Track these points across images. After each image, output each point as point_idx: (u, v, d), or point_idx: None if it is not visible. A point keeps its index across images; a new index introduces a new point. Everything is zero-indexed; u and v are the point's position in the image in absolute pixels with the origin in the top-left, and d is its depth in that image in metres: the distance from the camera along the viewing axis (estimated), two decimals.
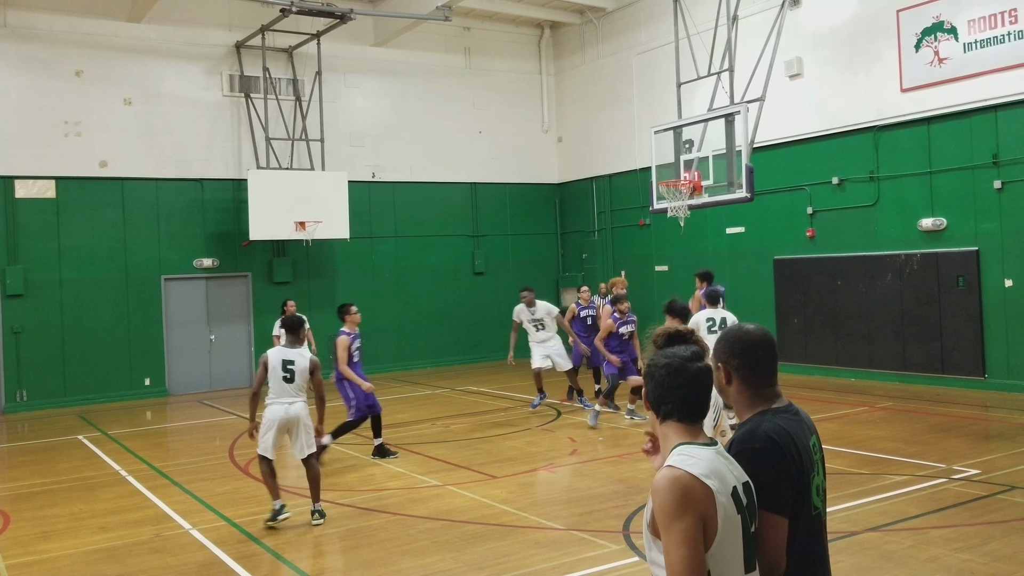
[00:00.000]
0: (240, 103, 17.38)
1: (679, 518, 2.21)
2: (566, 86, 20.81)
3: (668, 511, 2.23)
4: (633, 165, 18.39)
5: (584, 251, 20.41)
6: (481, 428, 11.93)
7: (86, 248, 15.95)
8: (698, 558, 2.20)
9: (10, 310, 15.21)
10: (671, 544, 2.22)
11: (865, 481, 8.12)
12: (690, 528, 2.21)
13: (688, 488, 2.24)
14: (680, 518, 2.21)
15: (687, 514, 2.21)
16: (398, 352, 18.73)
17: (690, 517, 2.21)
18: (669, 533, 2.22)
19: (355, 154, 18.45)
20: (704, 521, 2.23)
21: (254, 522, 7.61)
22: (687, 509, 2.22)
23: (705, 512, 2.23)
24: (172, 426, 13.88)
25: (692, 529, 2.21)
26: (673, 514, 2.22)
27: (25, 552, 7.07)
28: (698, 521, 2.22)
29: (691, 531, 2.21)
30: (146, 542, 7.19)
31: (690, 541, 2.20)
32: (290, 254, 17.77)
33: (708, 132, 12.74)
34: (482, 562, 6.38)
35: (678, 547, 2.20)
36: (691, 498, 2.23)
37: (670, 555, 2.22)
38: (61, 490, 9.25)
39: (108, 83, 16.20)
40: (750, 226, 16.23)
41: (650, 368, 2.49)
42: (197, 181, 16.98)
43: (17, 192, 15.49)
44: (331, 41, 17.68)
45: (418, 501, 8.11)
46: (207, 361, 17.03)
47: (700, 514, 2.23)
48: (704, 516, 2.23)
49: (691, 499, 2.23)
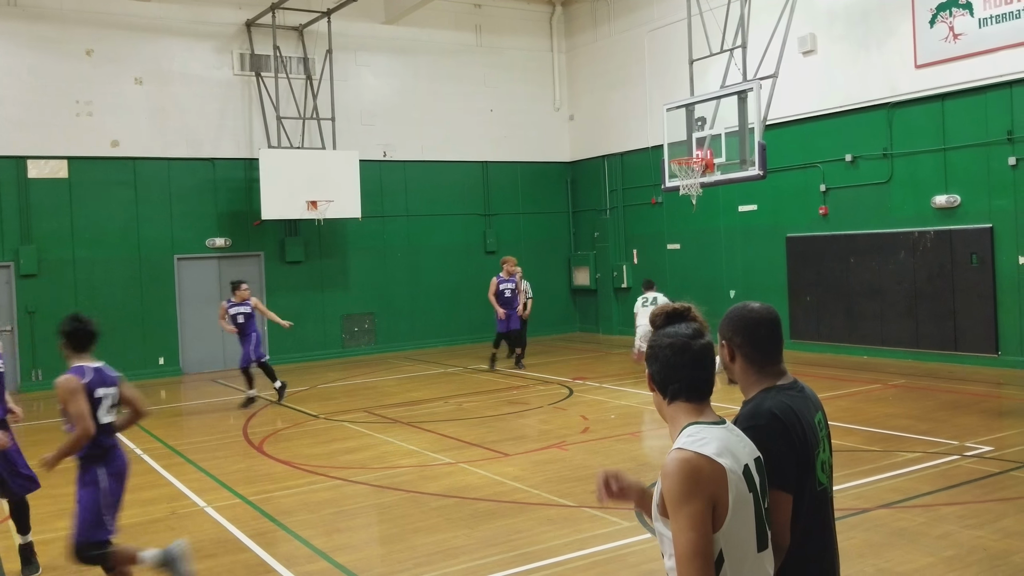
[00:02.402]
0: (251, 82, 17.36)
1: (687, 502, 2.21)
2: (578, 64, 20.67)
3: (677, 494, 2.22)
4: (645, 143, 18.30)
5: (596, 230, 20.36)
6: (493, 406, 11.99)
7: (99, 228, 16.03)
8: (707, 541, 2.21)
9: (24, 290, 15.32)
10: (679, 526, 2.22)
11: (877, 458, 8.13)
12: (698, 512, 2.21)
13: (698, 470, 2.23)
14: (688, 502, 2.21)
15: (696, 497, 2.21)
16: (410, 331, 18.78)
17: (699, 500, 2.21)
18: (677, 516, 2.22)
19: (366, 133, 18.42)
20: (714, 502, 2.23)
21: (268, 500, 7.69)
22: (696, 492, 2.21)
23: (715, 493, 2.23)
24: (186, 405, 14.00)
25: (700, 512, 2.21)
26: (682, 497, 2.21)
27: (41, 530, 7.15)
28: (707, 504, 2.22)
29: (699, 515, 2.21)
30: (161, 519, 7.28)
31: (698, 524, 2.20)
32: (302, 233, 17.80)
33: (720, 109, 12.66)
34: (494, 539, 6.43)
35: (686, 530, 2.20)
36: (701, 480, 2.22)
37: (678, 538, 2.22)
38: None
39: (118, 62, 16.20)
40: (762, 204, 16.14)
41: (653, 349, 2.46)
42: (208, 161, 17.01)
43: (30, 172, 15.56)
44: (342, 19, 17.60)
45: (431, 478, 8.17)
46: (220, 340, 17.11)
47: (709, 496, 2.22)
48: (714, 497, 2.23)
49: (701, 481, 2.22)
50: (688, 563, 2.20)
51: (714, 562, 2.23)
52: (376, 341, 18.67)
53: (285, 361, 17.38)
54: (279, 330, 17.56)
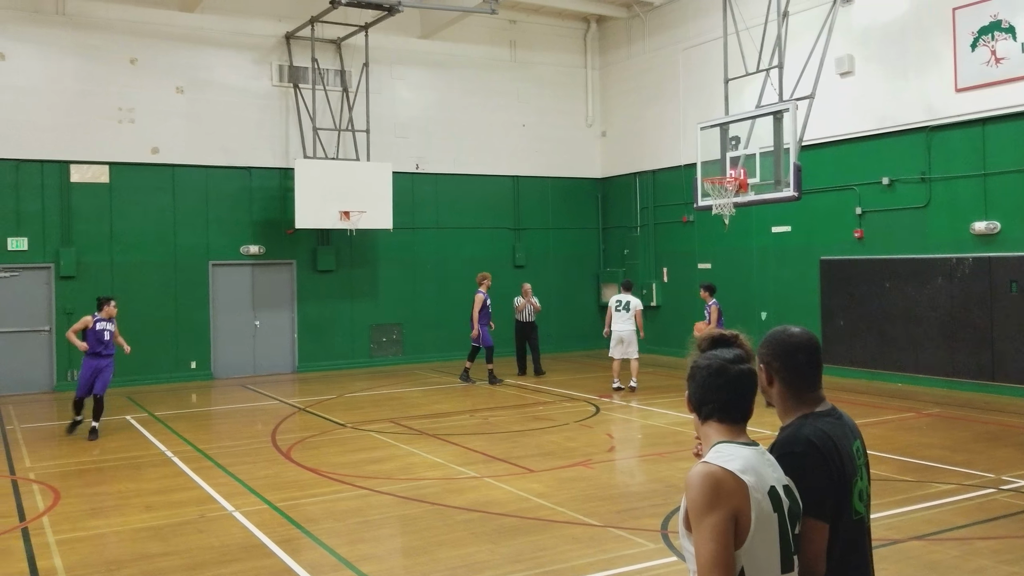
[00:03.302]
0: (288, 93, 17.58)
1: (709, 513, 2.23)
2: (611, 80, 20.70)
3: (699, 505, 2.25)
4: (678, 161, 18.25)
5: (626, 247, 20.31)
6: (520, 421, 11.96)
7: (137, 232, 16.29)
8: (726, 553, 2.21)
9: (63, 291, 15.59)
10: (700, 538, 2.24)
11: (910, 488, 7.99)
12: (720, 523, 2.22)
13: (720, 483, 2.25)
14: (710, 513, 2.23)
15: (718, 509, 2.23)
16: (437, 342, 18.82)
17: (721, 512, 2.23)
18: (699, 527, 2.24)
19: (399, 145, 18.57)
20: (736, 517, 2.24)
21: (295, 506, 7.73)
22: (718, 504, 2.23)
23: (738, 508, 2.24)
24: (216, 409, 14.14)
25: (722, 524, 2.22)
26: (704, 508, 2.24)
27: (74, 528, 7.27)
28: (729, 516, 2.23)
29: (721, 526, 2.22)
30: (190, 522, 7.34)
31: (719, 536, 2.21)
32: (333, 243, 17.96)
33: (755, 129, 12.61)
34: (519, 555, 6.40)
35: (707, 541, 2.22)
36: (723, 493, 2.24)
37: (699, 549, 2.24)
38: (109, 468, 9.48)
39: (161, 71, 16.49)
40: (796, 225, 16.01)
41: (692, 370, 2.51)
42: (245, 169, 17.23)
43: (72, 176, 15.86)
44: (378, 33, 17.80)
45: (456, 492, 8.17)
46: (251, 346, 17.30)
47: (732, 509, 2.24)
48: (736, 512, 2.24)
49: (723, 494, 2.24)
50: (709, 574, 2.20)
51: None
52: (403, 352, 18.74)
53: (313, 369, 17.53)
54: (309, 339, 17.75)
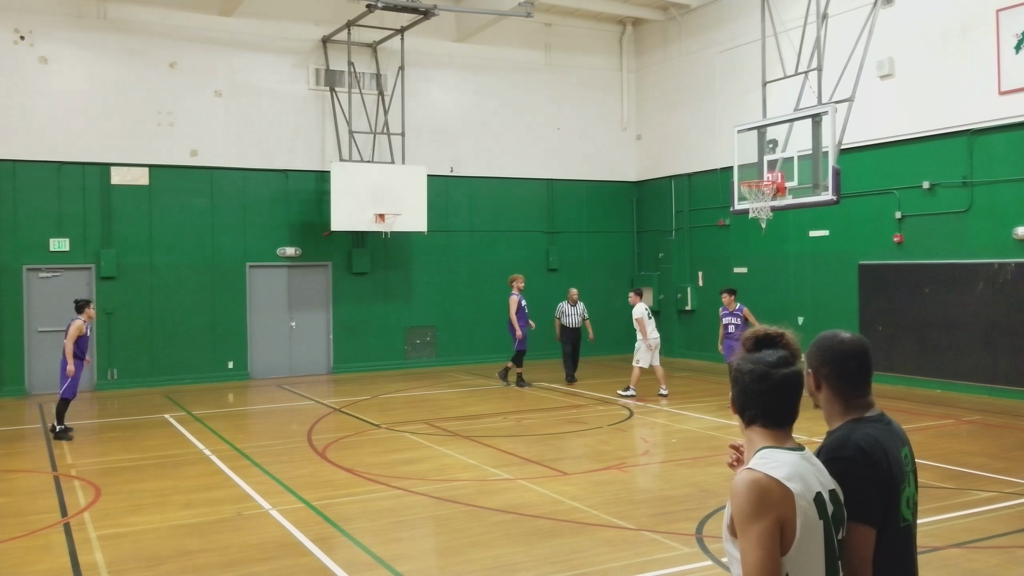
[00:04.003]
0: (325, 96, 17.76)
1: (755, 520, 2.21)
2: (647, 83, 20.62)
3: (745, 513, 2.23)
4: (714, 164, 18.13)
5: (661, 251, 20.21)
6: (552, 424, 11.95)
7: (176, 234, 16.55)
8: (773, 560, 2.20)
9: (103, 292, 15.87)
10: (747, 545, 2.22)
11: (950, 496, 7.86)
12: (766, 530, 2.21)
13: (766, 490, 2.24)
14: (756, 520, 2.21)
15: (764, 516, 2.21)
16: (471, 345, 18.88)
17: (767, 519, 2.21)
18: (745, 534, 2.23)
19: (434, 148, 18.66)
20: (782, 524, 2.23)
21: (331, 505, 7.80)
22: (764, 511, 2.22)
23: (783, 515, 2.23)
24: (253, 409, 14.32)
25: (768, 531, 2.21)
26: (750, 516, 2.22)
27: (114, 524, 7.40)
28: (775, 524, 2.22)
29: (767, 533, 2.21)
30: (228, 520, 7.44)
31: (766, 543, 2.20)
32: (368, 245, 18.09)
33: (793, 132, 12.47)
34: (553, 557, 6.40)
35: (753, 549, 2.21)
36: (769, 500, 2.23)
37: (745, 556, 2.22)
38: (148, 466, 9.64)
39: (199, 75, 16.75)
40: (834, 230, 15.82)
41: (736, 373, 2.48)
42: (282, 172, 17.43)
43: (113, 179, 16.16)
44: (414, 36, 17.91)
45: (489, 493, 8.18)
46: (287, 347, 17.50)
47: (778, 517, 2.22)
48: (782, 519, 2.23)
49: (768, 501, 2.22)
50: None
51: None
52: (437, 354, 18.81)
53: (348, 370, 17.66)
54: (344, 340, 17.91)
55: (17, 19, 15.42)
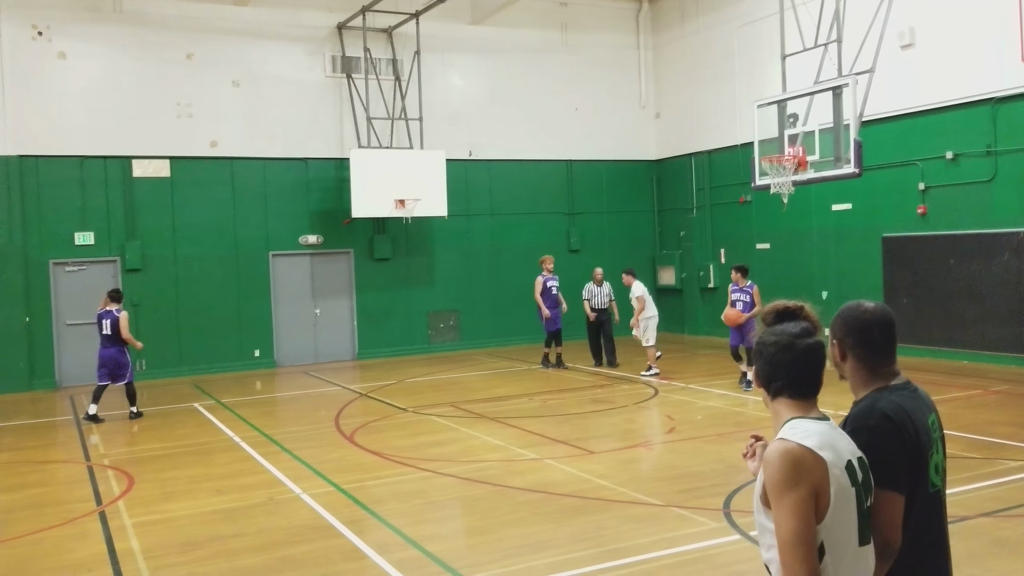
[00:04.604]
0: (342, 83, 17.78)
1: (790, 490, 2.23)
2: (664, 61, 20.46)
3: (779, 483, 2.24)
4: (734, 141, 17.98)
5: (682, 229, 20.12)
6: (577, 404, 11.99)
7: (198, 225, 16.68)
8: (809, 529, 2.21)
9: (129, 284, 16.05)
10: (782, 515, 2.23)
11: (978, 466, 7.82)
12: (801, 500, 2.22)
13: (800, 460, 2.25)
14: (791, 490, 2.22)
15: (798, 486, 2.22)
16: (494, 328, 18.92)
17: (801, 489, 2.22)
18: (780, 504, 2.24)
19: (452, 132, 18.65)
20: (816, 493, 2.24)
21: (360, 488, 7.89)
22: (798, 481, 2.23)
23: (817, 484, 2.24)
24: (280, 396, 14.47)
25: (803, 501, 2.22)
26: (784, 485, 2.23)
27: (148, 511, 7.53)
28: (810, 493, 2.23)
29: (802, 503, 2.22)
30: (259, 505, 7.55)
31: (801, 512, 2.21)
32: (389, 231, 18.15)
33: (814, 106, 12.34)
34: (581, 534, 6.45)
35: (789, 518, 2.22)
36: (803, 470, 2.24)
37: (781, 526, 2.23)
38: (179, 454, 9.78)
39: (217, 66, 16.82)
40: (857, 203, 15.67)
41: (759, 346, 2.50)
42: (301, 160, 17.50)
43: (134, 171, 16.30)
44: (429, 20, 17.86)
45: (517, 473, 8.24)
46: (312, 334, 17.64)
47: (812, 486, 2.23)
48: (816, 488, 2.24)
49: (802, 471, 2.23)
50: (792, 550, 2.20)
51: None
52: (460, 338, 18.88)
53: (372, 356, 17.78)
54: (368, 326, 18.02)
55: (35, 15, 15.54)
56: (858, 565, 2.32)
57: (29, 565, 6.30)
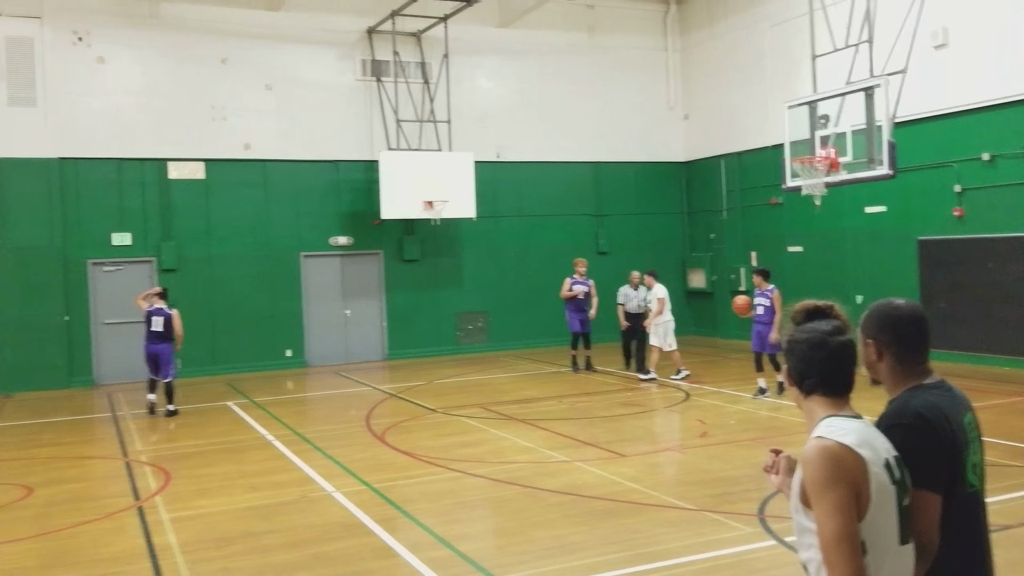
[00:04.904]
0: (371, 87, 17.91)
1: (830, 488, 2.22)
2: (693, 62, 20.37)
3: (819, 481, 2.24)
4: (764, 142, 17.84)
5: (712, 231, 20.01)
6: (607, 407, 11.97)
7: (231, 226, 16.89)
8: (853, 527, 2.21)
9: (165, 284, 16.09)
10: (823, 514, 2.23)
11: (1019, 474, 7.70)
12: (842, 498, 2.21)
13: (839, 458, 2.24)
14: (832, 488, 2.22)
15: (839, 484, 2.22)
16: (522, 330, 18.93)
17: (842, 487, 2.22)
18: (821, 503, 2.23)
19: (480, 134, 18.70)
20: (856, 491, 2.23)
21: (392, 487, 7.94)
22: (838, 479, 2.22)
23: (857, 482, 2.23)
24: (312, 395, 14.61)
25: (844, 498, 2.21)
26: (824, 484, 2.23)
27: (184, 507, 7.64)
28: (850, 490, 2.22)
29: (843, 500, 2.21)
30: (292, 502, 7.63)
31: (843, 510, 2.21)
32: (418, 233, 18.24)
33: (846, 106, 12.22)
34: (613, 537, 6.44)
35: (830, 517, 2.21)
36: (842, 467, 2.23)
37: (823, 525, 2.23)
38: (214, 451, 9.91)
39: (250, 70, 17.02)
40: (891, 205, 15.49)
41: (790, 344, 2.50)
42: (332, 163, 17.65)
43: (170, 174, 16.55)
44: (457, 24, 17.94)
45: (547, 475, 8.24)
46: (343, 335, 17.77)
47: (852, 483, 2.23)
48: (856, 486, 2.23)
49: (842, 468, 2.23)
50: (836, 548, 2.20)
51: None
52: (489, 339, 18.92)
53: (402, 356, 17.87)
54: (397, 327, 18.13)
55: (75, 20, 15.83)
56: (899, 564, 2.31)
57: (69, 557, 6.42)
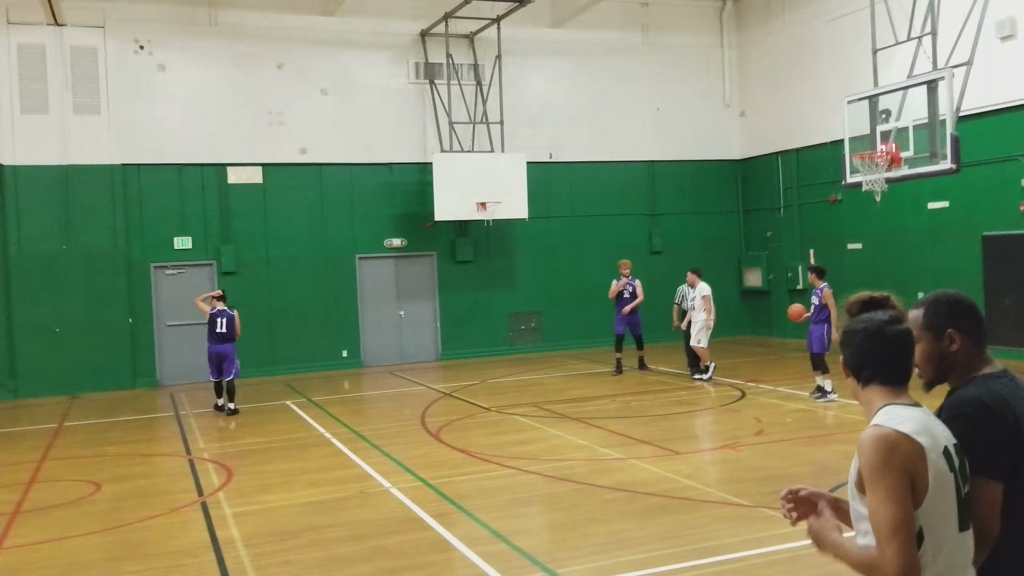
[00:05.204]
0: (425, 89, 18.09)
1: (885, 475, 2.21)
2: (749, 59, 20.13)
3: (875, 468, 2.23)
4: (823, 138, 17.53)
5: (769, 229, 19.72)
6: (662, 405, 11.90)
7: (288, 229, 17.22)
8: (906, 514, 2.20)
9: (225, 286, 16.51)
10: (877, 501, 2.22)
11: None
12: (897, 485, 2.20)
13: (895, 445, 2.23)
14: (886, 475, 2.21)
15: (894, 471, 2.21)
16: (575, 330, 18.90)
17: (897, 474, 2.21)
18: (875, 490, 2.23)
19: (533, 135, 18.74)
20: (913, 478, 2.22)
21: (448, 484, 8.02)
22: (893, 466, 2.21)
23: (914, 469, 2.22)
24: (368, 394, 14.81)
25: (899, 486, 2.20)
26: (879, 471, 2.22)
27: (247, 502, 7.82)
28: (905, 478, 2.21)
29: (898, 488, 2.20)
30: (351, 498, 7.75)
31: (897, 498, 2.20)
32: (471, 234, 18.35)
33: (908, 101, 11.97)
34: (668, 533, 6.41)
35: (884, 504, 2.21)
36: (898, 455, 2.22)
37: (876, 512, 2.22)
38: (274, 449, 10.11)
39: (306, 75, 17.34)
40: (955, 200, 15.09)
41: (846, 334, 2.48)
42: (386, 165, 17.87)
43: (229, 178, 16.94)
44: (510, 25, 18.02)
45: (602, 472, 8.24)
46: (397, 335, 17.98)
47: (908, 471, 2.22)
48: (913, 473, 2.22)
49: (898, 456, 2.22)
50: (890, 536, 2.19)
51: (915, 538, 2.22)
52: (542, 339, 18.94)
53: (455, 357, 17.99)
54: (450, 328, 18.25)
55: (136, 30, 16.31)
56: (958, 551, 2.30)
57: (139, 550, 6.62)
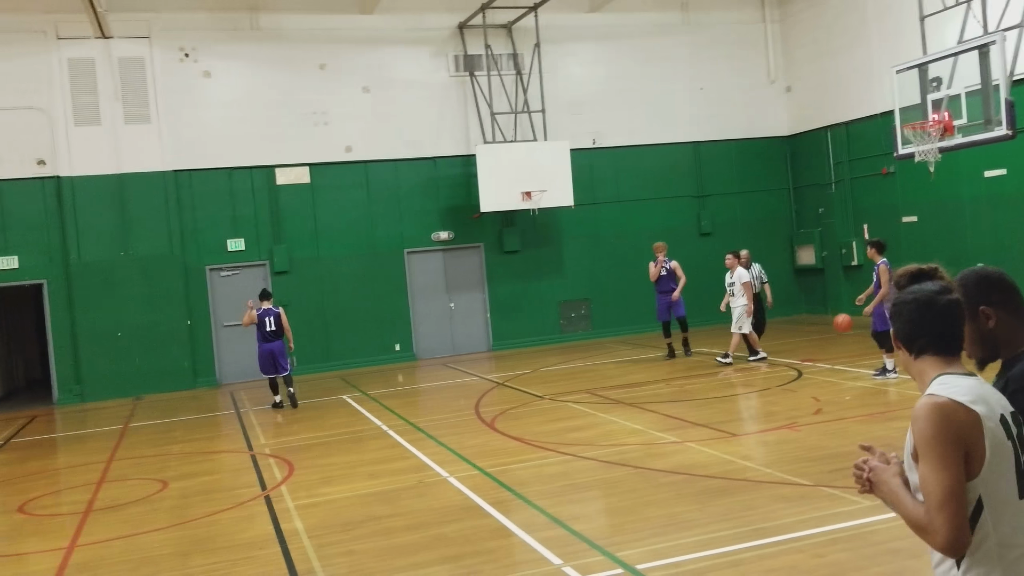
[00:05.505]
0: (465, 82, 18.15)
1: (938, 443, 2.21)
2: (793, 32, 19.77)
3: (927, 437, 2.22)
4: (872, 110, 17.16)
5: (820, 205, 19.38)
6: (716, 388, 11.82)
7: (337, 227, 17.47)
8: (957, 484, 2.19)
9: (278, 285, 16.97)
10: (928, 469, 2.21)
11: None
12: (950, 453, 2.19)
13: (949, 414, 2.22)
14: (941, 443, 2.20)
15: (948, 439, 2.20)
16: (625, 316, 18.82)
17: (949, 443, 2.20)
18: (927, 458, 2.22)
19: (575, 122, 18.68)
20: (968, 447, 2.21)
21: (504, 471, 8.09)
22: (948, 434, 2.21)
23: (969, 438, 2.21)
24: (422, 387, 14.97)
25: (952, 455, 2.19)
26: (932, 439, 2.21)
27: (309, 495, 7.99)
28: (958, 446, 2.20)
29: (951, 456, 2.19)
30: (411, 487, 7.87)
31: (951, 466, 2.19)
32: (518, 224, 18.39)
33: (958, 67, 11.67)
34: (727, 514, 6.39)
35: (936, 472, 2.20)
36: (952, 424, 2.21)
37: (927, 481, 2.21)
38: (333, 442, 10.31)
39: (348, 74, 17.53)
40: (1013, 168, 14.64)
41: (897, 306, 2.47)
42: (430, 159, 18.00)
43: (278, 179, 17.24)
44: (547, 12, 17.95)
45: (658, 456, 8.23)
46: (448, 327, 18.14)
47: (962, 440, 2.21)
48: (968, 442, 2.21)
49: (952, 425, 2.21)
50: (941, 506, 2.18)
51: (971, 508, 2.22)
52: (592, 326, 18.92)
53: (506, 347, 18.08)
54: (501, 318, 18.35)
55: (181, 38, 16.65)
56: (1019, 519, 2.27)
57: (208, 544, 6.82)
